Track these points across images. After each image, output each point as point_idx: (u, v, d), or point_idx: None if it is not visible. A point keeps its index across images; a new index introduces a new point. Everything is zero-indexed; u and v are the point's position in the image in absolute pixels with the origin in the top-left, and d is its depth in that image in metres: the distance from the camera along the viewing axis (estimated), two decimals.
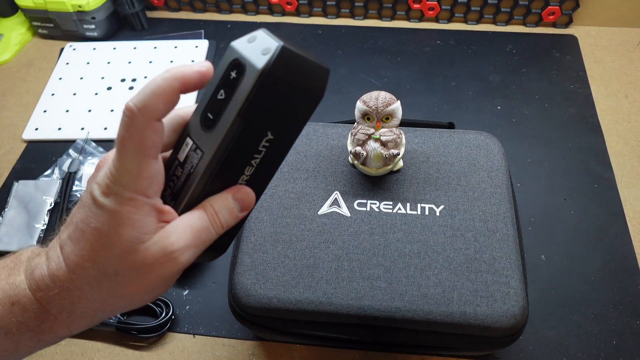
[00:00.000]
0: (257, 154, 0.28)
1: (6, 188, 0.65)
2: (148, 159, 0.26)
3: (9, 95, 0.77)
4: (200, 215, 0.28)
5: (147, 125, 0.26)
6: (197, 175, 0.28)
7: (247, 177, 0.29)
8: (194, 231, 0.28)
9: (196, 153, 0.28)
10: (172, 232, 0.27)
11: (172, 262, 0.27)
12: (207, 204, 0.29)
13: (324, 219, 0.45)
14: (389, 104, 0.44)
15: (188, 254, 0.28)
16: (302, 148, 0.50)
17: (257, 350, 0.52)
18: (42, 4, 0.79)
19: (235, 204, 0.29)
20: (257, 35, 0.26)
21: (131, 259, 0.26)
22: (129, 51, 0.81)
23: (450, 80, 0.75)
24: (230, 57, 0.26)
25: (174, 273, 0.28)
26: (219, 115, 0.27)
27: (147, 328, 0.51)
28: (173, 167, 0.29)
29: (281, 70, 0.25)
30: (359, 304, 0.41)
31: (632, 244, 0.57)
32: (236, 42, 0.27)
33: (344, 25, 0.85)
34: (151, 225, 0.27)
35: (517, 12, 0.81)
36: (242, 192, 0.29)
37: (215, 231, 0.29)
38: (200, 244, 0.28)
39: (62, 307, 0.27)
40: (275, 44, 0.25)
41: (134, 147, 0.26)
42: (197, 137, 0.28)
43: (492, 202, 0.46)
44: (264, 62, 0.25)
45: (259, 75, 0.25)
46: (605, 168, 0.64)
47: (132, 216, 0.26)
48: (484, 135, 0.51)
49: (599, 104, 0.71)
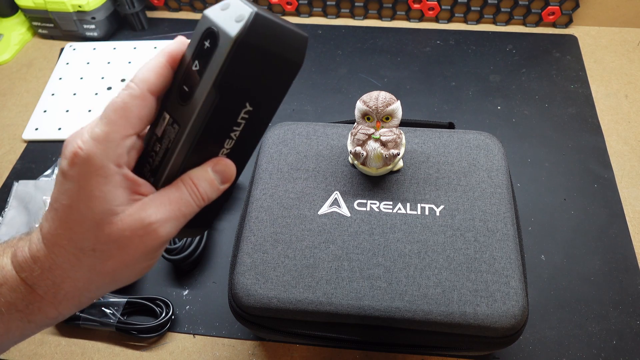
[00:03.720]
0: (236, 127, 0.28)
1: (6, 188, 0.65)
2: (129, 128, 0.26)
3: (9, 95, 0.77)
4: (179, 188, 0.28)
5: (140, 95, 0.26)
6: (175, 150, 0.27)
7: (228, 150, 0.29)
8: (172, 203, 0.28)
9: (173, 127, 0.27)
10: (149, 205, 0.27)
11: (151, 234, 0.27)
12: (186, 177, 0.28)
13: (324, 219, 0.45)
14: (389, 104, 0.44)
15: (168, 226, 0.27)
16: (302, 148, 0.50)
17: (257, 350, 0.52)
18: (42, 4, 0.79)
19: (215, 176, 0.29)
20: (230, 2, 0.25)
21: (107, 232, 0.26)
22: (129, 51, 0.81)
23: (450, 80, 0.75)
24: (204, 26, 0.25)
25: (155, 246, 0.28)
26: (194, 88, 0.26)
27: (147, 328, 0.51)
28: (151, 143, 0.29)
29: (256, 37, 0.24)
30: (359, 304, 0.41)
31: (632, 244, 0.57)
32: (209, 9, 0.26)
33: (344, 25, 0.85)
34: (123, 196, 0.26)
35: (517, 12, 0.81)
36: (222, 163, 0.29)
37: (195, 203, 0.29)
38: (180, 216, 0.28)
39: (46, 287, 0.27)
40: (249, 9, 0.24)
41: (120, 114, 0.26)
42: (174, 110, 0.27)
43: (492, 202, 0.46)
44: (237, 29, 0.24)
45: (232, 43, 0.24)
46: (605, 168, 0.64)
47: (101, 187, 0.26)
48: (484, 135, 0.51)
49: (599, 104, 0.71)
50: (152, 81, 0.27)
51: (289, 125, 0.52)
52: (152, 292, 0.55)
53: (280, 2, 0.85)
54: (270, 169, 0.49)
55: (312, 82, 0.75)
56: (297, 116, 0.71)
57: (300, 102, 0.73)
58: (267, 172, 0.49)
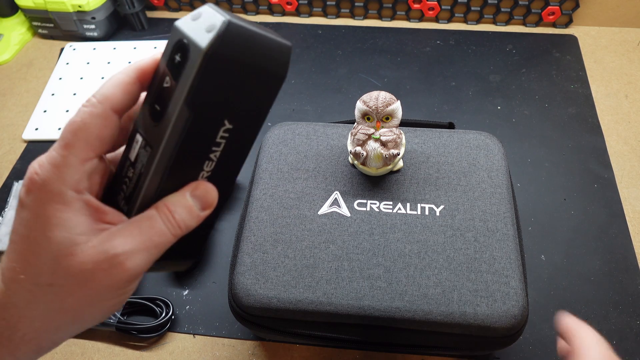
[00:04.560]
0: (215, 147, 0.25)
1: (6, 188, 0.65)
2: (89, 150, 0.24)
3: (9, 95, 0.77)
4: (151, 215, 0.25)
5: (101, 114, 0.24)
6: (148, 175, 0.25)
7: (208, 172, 0.26)
8: (143, 233, 0.25)
9: (146, 150, 0.25)
10: (116, 234, 0.24)
11: (116, 267, 0.24)
12: (161, 203, 0.26)
13: (324, 219, 0.45)
14: (389, 104, 0.44)
15: (137, 258, 0.24)
16: (302, 148, 0.50)
17: (257, 350, 0.52)
18: (42, 4, 0.79)
19: (194, 201, 0.26)
20: (202, 12, 0.23)
21: (65, 265, 0.23)
22: (129, 51, 0.81)
23: (450, 80, 0.75)
24: (174, 38, 0.23)
25: (122, 282, 0.24)
26: (166, 106, 0.23)
27: (147, 328, 0.51)
28: (125, 168, 0.26)
29: (229, 48, 0.22)
30: (359, 304, 0.41)
31: (632, 244, 0.57)
32: (180, 20, 0.24)
33: (344, 25, 0.85)
34: (85, 225, 0.24)
35: (517, 12, 0.81)
36: (202, 188, 0.26)
37: (170, 232, 0.25)
38: (151, 247, 0.25)
39: (1, 329, 0.24)
40: (221, 18, 0.22)
41: (79, 135, 0.23)
42: (147, 132, 0.25)
43: (492, 202, 0.46)
44: (207, 40, 0.21)
45: (203, 55, 0.21)
46: (605, 168, 0.64)
47: (59, 214, 0.23)
48: (484, 135, 0.51)
49: (599, 104, 0.71)
50: (117, 98, 0.24)
51: (289, 125, 0.52)
52: (152, 292, 0.55)
53: (280, 2, 0.85)
54: (270, 169, 0.49)
55: (312, 82, 0.75)
56: (297, 116, 0.71)
57: (300, 102, 0.73)
58: (267, 172, 0.49)
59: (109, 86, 0.24)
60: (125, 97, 0.25)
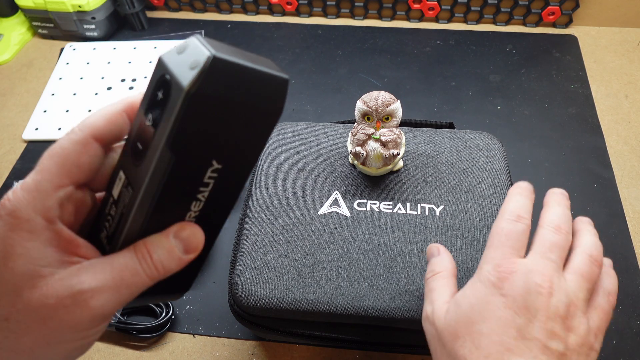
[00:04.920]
0: (203, 187, 0.24)
1: (6, 188, 0.65)
2: (63, 176, 0.22)
3: (9, 95, 0.77)
4: (127, 254, 0.24)
5: (81, 141, 0.23)
6: (130, 216, 0.23)
7: (196, 213, 0.25)
8: (114, 270, 0.23)
9: (127, 190, 0.23)
10: (86, 270, 0.22)
11: (79, 305, 0.22)
12: (140, 243, 0.24)
13: (324, 219, 0.45)
14: (389, 104, 0.44)
15: (103, 298, 0.22)
16: (302, 148, 0.50)
17: (257, 350, 0.52)
18: (42, 4, 0.79)
19: (176, 243, 0.24)
20: (188, 44, 0.21)
21: (26, 297, 0.21)
22: (129, 51, 0.81)
23: (450, 80, 0.75)
24: (158, 73, 0.22)
25: (85, 322, 0.22)
26: (147, 146, 0.22)
27: (147, 328, 0.51)
28: (108, 205, 0.25)
29: (213, 86, 0.20)
30: (359, 304, 0.41)
31: (632, 244, 0.57)
32: (166, 53, 0.22)
33: (344, 25, 0.85)
34: (52, 256, 0.22)
35: (517, 12, 0.81)
36: (187, 230, 0.25)
37: (146, 273, 0.24)
38: (122, 286, 0.23)
39: None
40: (206, 54, 0.20)
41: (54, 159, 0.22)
42: (129, 170, 0.23)
43: (492, 202, 0.46)
44: (190, 79, 0.20)
45: (184, 95, 0.20)
46: (605, 168, 0.64)
47: (24, 243, 0.21)
48: (483, 135, 0.51)
49: (599, 104, 0.71)
50: (99, 127, 0.23)
51: (289, 125, 0.52)
52: None
53: (280, 2, 0.85)
54: (270, 169, 0.49)
55: (312, 82, 0.75)
56: (297, 116, 0.71)
57: (300, 102, 0.73)
58: (267, 172, 0.49)
59: (95, 115, 0.24)
60: (109, 126, 0.24)
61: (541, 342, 0.28)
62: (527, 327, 0.28)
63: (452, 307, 0.32)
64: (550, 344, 0.28)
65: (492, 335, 0.29)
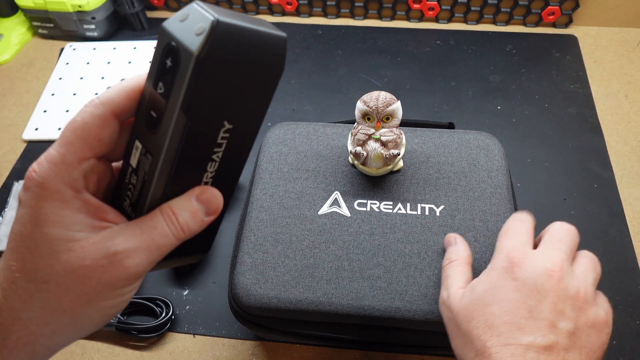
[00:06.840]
0: (217, 148, 0.25)
1: (6, 188, 0.65)
2: (87, 149, 0.24)
3: (9, 95, 0.77)
4: (155, 217, 0.25)
5: (102, 115, 0.24)
6: (152, 183, 0.24)
7: (212, 173, 0.26)
8: (145, 232, 0.24)
9: (146, 157, 0.25)
10: (117, 233, 0.24)
11: (115, 265, 0.23)
12: (165, 206, 0.26)
13: (324, 219, 0.45)
14: (389, 104, 0.44)
15: (137, 257, 0.24)
16: (302, 148, 0.50)
17: (257, 350, 0.52)
18: (42, 4, 0.79)
19: (199, 206, 0.26)
20: (189, 12, 0.22)
21: (63, 260, 0.23)
22: (129, 51, 0.81)
23: (450, 80, 0.75)
24: (163, 42, 0.23)
25: (121, 280, 0.24)
26: (162, 113, 0.23)
27: (147, 328, 0.51)
28: (128, 175, 0.26)
29: (221, 49, 0.21)
30: (359, 304, 0.41)
31: (632, 244, 0.57)
32: (168, 21, 0.23)
33: (344, 25, 0.85)
34: (84, 222, 0.24)
35: (517, 12, 0.81)
36: (208, 193, 0.27)
37: (173, 235, 0.25)
38: (153, 247, 0.25)
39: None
40: (210, 19, 0.21)
41: (78, 134, 0.23)
42: (145, 139, 0.25)
43: (492, 202, 0.46)
44: (198, 44, 0.21)
45: (194, 60, 0.21)
46: (605, 168, 0.64)
47: (57, 211, 0.23)
48: (483, 135, 0.51)
49: (599, 104, 0.71)
50: (119, 102, 0.24)
51: (289, 125, 0.52)
52: (152, 292, 0.55)
53: (280, 2, 0.85)
54: (270, 169, 0.49)
55: (312, 82, 0.75)
56: (297, 116, 0.71)
57: (300, 102, 0.73)
58: (267, 172, 0.49)
59: (114, 90, 0.25)
60: (128, 102, 0.25)
61: (550, 321, 0.30)
62: (537, 307, 0.30)
63: (467, 292, 0.34)
64: (560, 323, 0.30)
65: (504, 316, 0.31)
